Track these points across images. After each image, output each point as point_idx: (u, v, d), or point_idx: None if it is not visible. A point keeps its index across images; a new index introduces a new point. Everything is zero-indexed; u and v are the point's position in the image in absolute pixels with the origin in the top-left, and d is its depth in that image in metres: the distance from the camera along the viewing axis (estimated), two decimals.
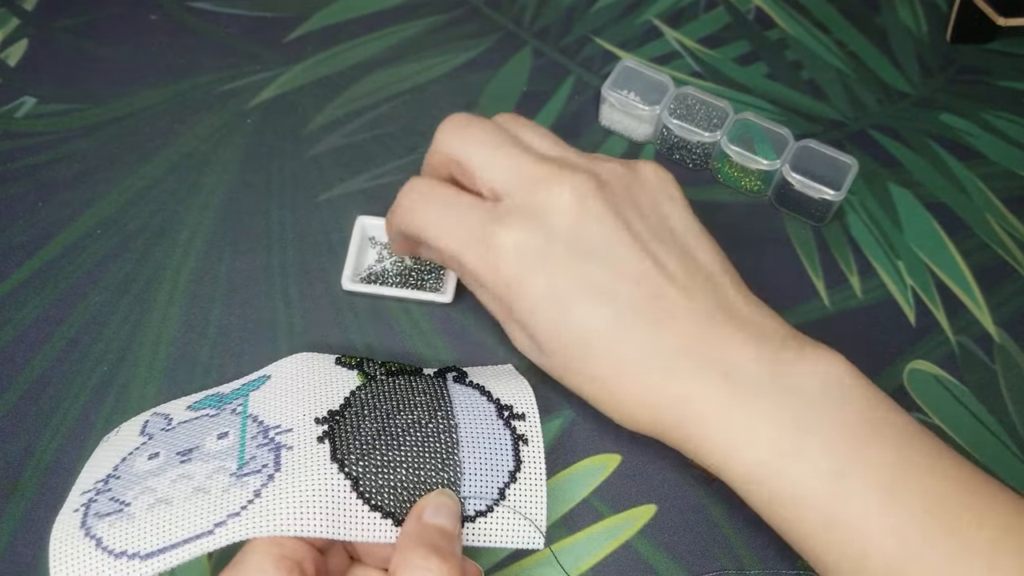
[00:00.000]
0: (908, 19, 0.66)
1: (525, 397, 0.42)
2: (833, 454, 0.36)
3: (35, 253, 0.53)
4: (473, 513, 0.38)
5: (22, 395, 0.48)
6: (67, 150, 0.57)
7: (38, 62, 0.61)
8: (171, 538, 0.35)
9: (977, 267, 0.54)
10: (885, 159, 0.58)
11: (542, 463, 0.40)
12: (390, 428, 0.39)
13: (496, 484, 0.38)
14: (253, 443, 0.39)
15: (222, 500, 0.36)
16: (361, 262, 0.53)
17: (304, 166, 0.57)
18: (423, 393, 0.41)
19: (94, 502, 0.38)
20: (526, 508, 0.38)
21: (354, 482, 0.37)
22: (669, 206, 0.43)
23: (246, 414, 0.41)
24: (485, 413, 0.41)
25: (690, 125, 0.55)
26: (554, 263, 0.40)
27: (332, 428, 0.38)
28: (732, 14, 0.65)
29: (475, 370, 0.45)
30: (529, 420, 0.41)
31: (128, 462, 0.40)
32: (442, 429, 0.39)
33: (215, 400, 0.43)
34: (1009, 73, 0.63)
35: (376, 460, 0.37)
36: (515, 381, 0.44)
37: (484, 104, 0.60)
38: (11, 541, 0.43)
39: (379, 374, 0.42)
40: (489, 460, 0.39)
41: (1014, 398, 0.49)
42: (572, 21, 0.65)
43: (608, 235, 0.40)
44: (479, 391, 0.42)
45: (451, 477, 0.38)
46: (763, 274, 0.54)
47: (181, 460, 0.39)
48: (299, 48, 0.62)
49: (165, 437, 0.41)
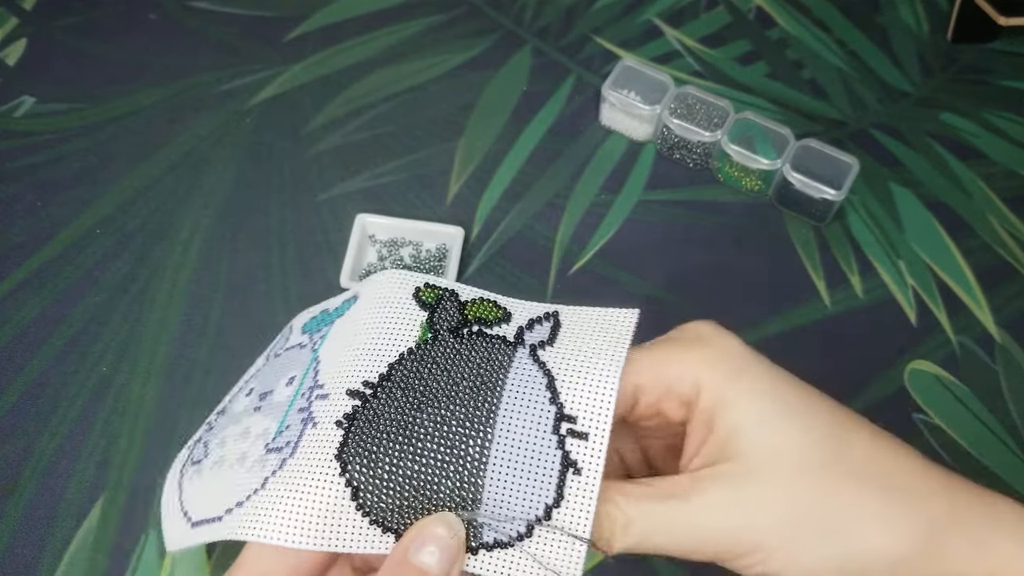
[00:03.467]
0: (909, 18, 0.65)
1: (599, 405, 0.32)
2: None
3: (34, 253, 0.52)
4: (491, 541, 0.31)
5: (21, 395, 0.48)
6: (66, 150, 0.57)
7: (37, 61, 0.61)
8: (206, 511, 0.35)
9: (978, 267, 0.54)
10: (886, 159, 0.58)
11: (591, 503, 0.31)
12: (414, 427, 0.32)
13: (524, 517, 0.31)
14: (297, 405, 0.35)
15: (246, 478, 0.34)
16: (360, 261, 0.53)
17: (304, 166, 0.57)
18: (475, 375, 0.33)
19: (198, 443, 0.38)
20: (555, 555, 0.31)
21: (354, 491, 0.32)
22: None
23: (316, 355, 0.37)
24: (539, 418, 0.32)
25: (690, 124, 0.55)
26: None
27: (356, 410, 0.33)
28: (733, 13, 0.65)
29: (572, 319, 0.36)
30: (592, 443, 0.31)
31: (236, 395, 0.40)
32: (475, 440, 0.32)
33: (316, 323, 0.39)
34: (1010, 72, 0.63)
35: (384, 469, 0.32)
36: (603, 369, 0.33)
37: (484, 104, 0.60)
38: (11, 541, 0.43)
39: (445, 328, 0.35)
40: (522, 486, 0.31)
41: (1015, 398, 0.49)
42: (572, 20, 0.65)
43: None
44: (546, 380, 0.33)
45: (467, 501, 0.31)
46: (763, 274, 0.53)
47: (255, 407, 0.37)
48: (298, 47, 0.62)
49: (267, 368, 0.40)
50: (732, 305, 0.52)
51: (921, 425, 0.48)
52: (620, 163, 0.57)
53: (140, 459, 0.46)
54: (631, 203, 0.56)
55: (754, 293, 0.53)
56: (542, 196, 0.56)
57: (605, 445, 0.31)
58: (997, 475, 0.47)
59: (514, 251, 0.54)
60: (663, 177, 0.57)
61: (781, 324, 0.52)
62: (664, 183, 0.57)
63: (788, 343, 0.51)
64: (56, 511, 0.44)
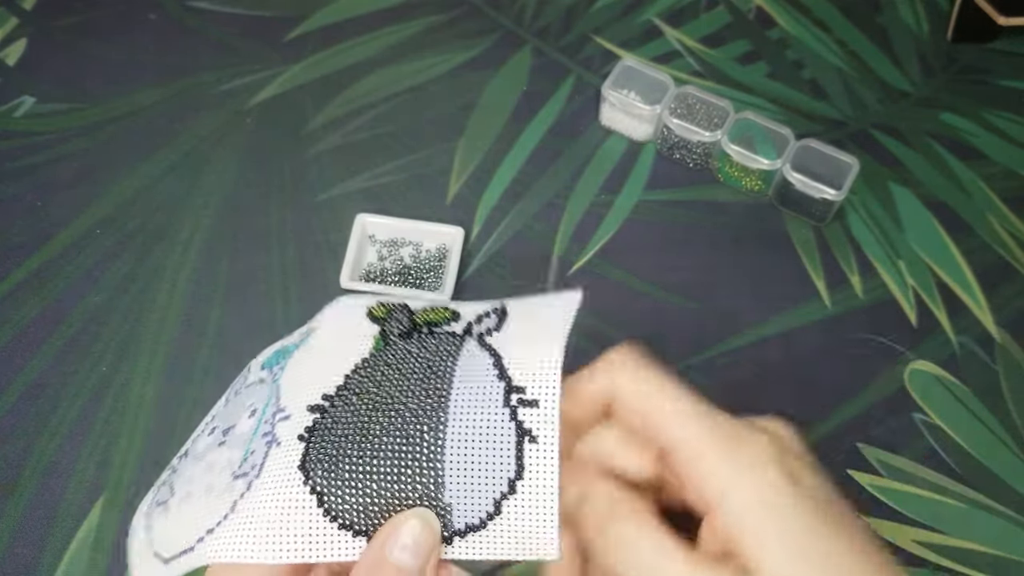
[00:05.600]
0: (909, 18, 0.65)
1: (545, 372, 0.32)
2: None
3: (34, 253, 0.52)
4: (463, 527, 0.31)
5: (21, 395, 0.47)
6: (66, 149, 0.57)
7: (37, 61, 0.61)
8: (177, 546, 0.35)
9: (978, 267, 0.54)
10: (886, 159, 0.58)
11: (553, 469, 0.31)
12: (371, 424, 0.33)
13: (490, 495, 0.31)
14: (261, 431, 0.35)
15: (215, 505, 0.34)
16: (360, 261, 0.53)
17: (304, 166, 0.57)
18: (425, 367, 0.34)
19: (163, 485, 0.38)
20: (528, 527, 0.31)
21: (319, 497, 0.32)
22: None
23: (277, 384, 0.37)
24: (489, 395, 0.32)
25: (691, 124, 0.55)
26: None
27: (316, 422, 0.33)
28: (733, 13, 0.65)
29: (518, 309, 0.36)
30: (543, 409, 0.31)
31: (198, 437, 0.39)
32: (429, 426, 0.32)
33: (275, 358, 0.40)
34: (1010, 72, 0.63)
35: (345, 470, 0.32)
36: (545, 342, 0.33)
37: (484, 104, 0.60)
38: (11, 541, 0.43)
39: (396, 334, 0.35)
40: (482, 464, 0.31)
41: (1015, 398, 0.49)
42: (572, 20, 0.64)
43: None
44: (493, 360, 0.33)
45: (429, 488, 0.31)
46: (763, 274, 0.53)
47: (219, 443, 0.37)
48: (298, 47, 0.62)
49: (227, 407, 0.40)
50: (732, 305, 0.52)
51: (921, 425, 0.48)
52: (620, 163, 0.57)
53: (140, 459, 0.46)
54: (631, 203, 0.56)
55: (754, 293, 0.53)
56: (542, 196, 0.56)
57: (557, 409, 0.31)
58: (997, 475, 0.47)
59: (514, 251, 0.54)
60: (663, 177, 0.57)
61: (781, 324, 0.52)
62: (664, 183, 0.57)
63: (788, 343, 0.51)
64: (56, 511, 0.44)
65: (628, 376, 0.33)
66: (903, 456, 0.47)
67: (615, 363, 0.33)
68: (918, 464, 0.47)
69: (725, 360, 0.50)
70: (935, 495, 0.46)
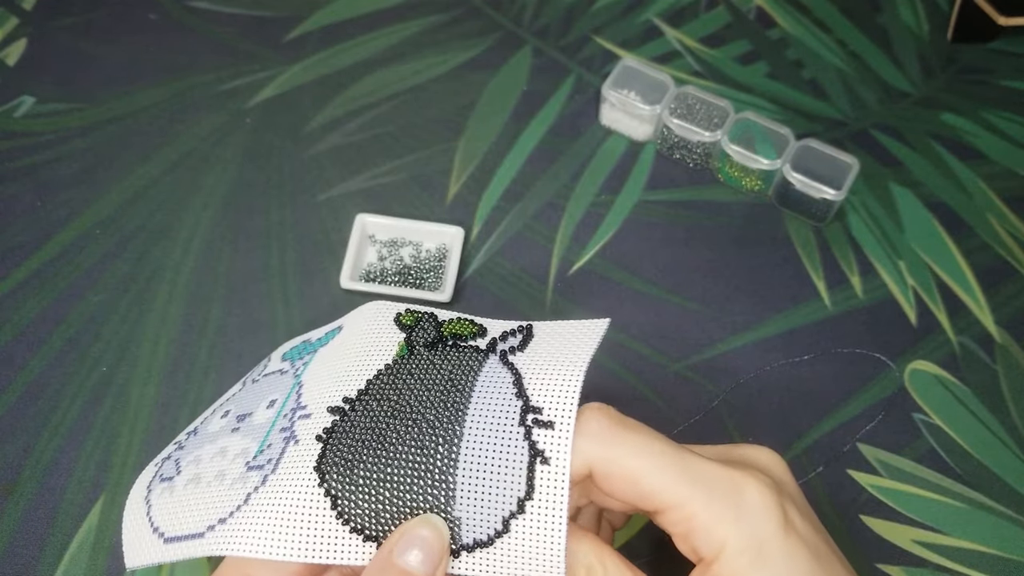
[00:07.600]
0: (909, 18, 0.65)
1: (563, 395, 0.32)
2: None
3: (34, 253, 0.52)
4: (471, 542, 0.31)
5: (21, 395, 0.47)
6: (66, 149, 0.57)
7: (37, 61, 0.61)
8: (183, 528, 0.35)
9: (978, 267, 0.54)
10: (886, 159, 0.58)
11: (563, 492, 0.31)
12: (388, 432, 0.33)
13: (499, 512, 0.31)
14: (279, 425, 0.36)
15: (227, 495, 0.34)
16: (360, 261, 0.53)
17: (304, 165, 0.57)
18: (446, 380, 0.34)
19: (167, 460, 0.38)
20: (534, 548, 0.31)
21: (333, 500, 0.32)
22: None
23: (299, 380, 0.38)
24: (505, 413, 0.32)
25: (691, 124, 0.55)
26: None
27: (335, 424, 0.34)
28: (733, 13, 0.65)
29: (544, 331, 0.37)
30: (558, 432, 0.31)
31: (209, 418, 0.40)
32: (444, 438, 0.32)
33: (298, 351, 0.40)
34: (1010, 72, 0.63)
35: (360, 475, 0.32)
36: (569, 363, 0.33)
37: (484, 104, 0.60)
38: (10, 541, 0.43)
39: (422, 343, 0.36)
40: (493, 481, 0.31)
41: (1015, 398, 0.49)
42: (572, 20, 0.64)
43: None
44: (514, 379, 0.33)
45: (440, 500, 0.32)
46: (764, 274, 0.53)
47: (233, 428, 0.38)
48: (298, 47, 0.62)
49: (243, 393, 0.40)
50: (732, 305, 0.52)
51: (921, 425, 0.48)
52: (620, 163, 0.57)
53: (140, 459, 0.46)
54: (631, 203, 0.56)
55: (754, 293, 0.53)
56: (542, 196, 0.56)
57: (571, 433, 0.31)
58: (997, 475, 0.47)
59: (514, 251, 0.54)
60: (663, 177, 0.57)
61: (781, 324, 0.52)
62: (664, 183, 0.57)
63: (788, 343, 0.51)
64: (56, 511, 0.44)
65: (601, 446, 0.32)
66: (903, 456, 0.47)
67: (584, 435, 0.32)
68: (918, 464, 0.47)
69: (725, 360, 0.50)
70: (935, 495, 0.46)
